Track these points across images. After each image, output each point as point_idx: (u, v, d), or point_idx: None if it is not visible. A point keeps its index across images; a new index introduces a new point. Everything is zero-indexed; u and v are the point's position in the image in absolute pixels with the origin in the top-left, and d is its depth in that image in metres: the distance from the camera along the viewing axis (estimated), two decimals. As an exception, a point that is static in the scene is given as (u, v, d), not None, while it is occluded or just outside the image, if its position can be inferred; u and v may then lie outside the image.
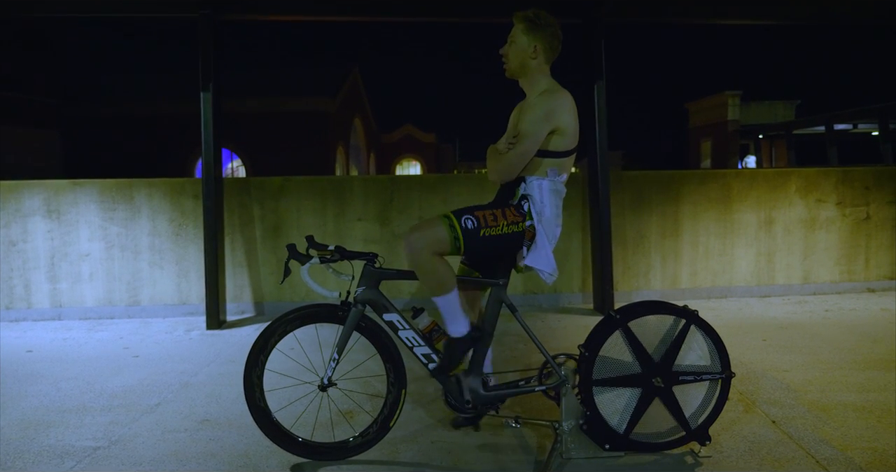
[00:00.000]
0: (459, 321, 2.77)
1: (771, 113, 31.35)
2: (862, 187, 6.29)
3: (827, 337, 4.72)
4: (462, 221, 2.66)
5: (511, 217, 2.70)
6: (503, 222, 2.69)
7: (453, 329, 2.78)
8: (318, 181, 5.95)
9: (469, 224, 2.65)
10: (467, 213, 2.69)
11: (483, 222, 2.67)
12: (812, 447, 2.92)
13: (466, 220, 2.66)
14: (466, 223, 2.65)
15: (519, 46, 2.79)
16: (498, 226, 2.68)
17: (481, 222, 2.67)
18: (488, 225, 2.67)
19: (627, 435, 2.80)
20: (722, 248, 6.15)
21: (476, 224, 2.66)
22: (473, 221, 2.66)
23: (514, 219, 2.71)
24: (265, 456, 2.93)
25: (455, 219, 2.66)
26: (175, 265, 5.77)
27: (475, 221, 2.66)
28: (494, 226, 2.68)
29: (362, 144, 34.36)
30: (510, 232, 2.70)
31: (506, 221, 2.69)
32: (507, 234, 2.69)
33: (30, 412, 3.49)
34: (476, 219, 2.67)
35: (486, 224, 2.67)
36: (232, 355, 4.54)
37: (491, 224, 2.67)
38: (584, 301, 6.04)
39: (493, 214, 2.69)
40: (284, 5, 5.68)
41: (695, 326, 2.83)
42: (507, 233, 2.69)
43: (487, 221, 2.67)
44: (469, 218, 2.66)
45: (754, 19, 6.14)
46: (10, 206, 5.67)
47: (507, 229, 2.69)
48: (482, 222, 2.67)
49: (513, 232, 2.70)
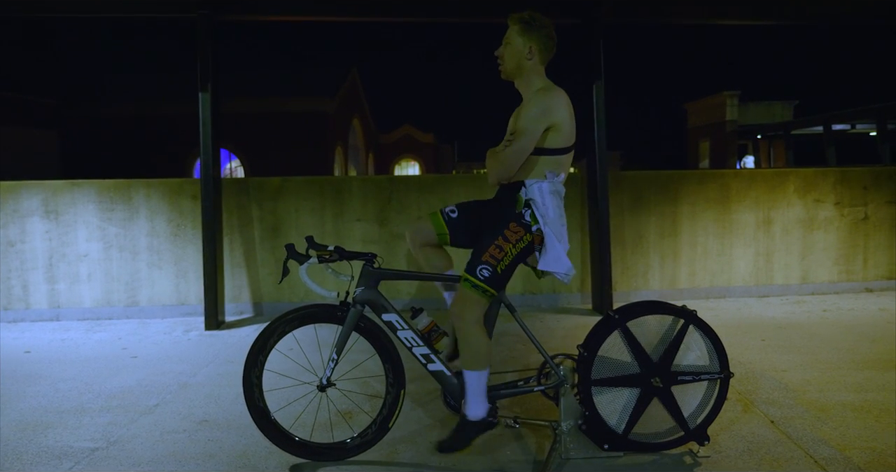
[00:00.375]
0: (481, 403, 2.75)
1: (769, 113, 31.36)
2: (860, 188, 6.30)
3: (825, 337, 4.72)
4: (479, 274, 2.68)
5: (514, 237, 2.72)
6: (509, 247, 2.71)
7: (473, 410, 2.75)
8: (316, 182, 5.94)
9: (486, 273, 2.68)
10: (477, 264, 2.69)
11: (494, 261, 2.69)
12: (810, 446, 2.93)
13: (482, 271, 2.68)
14: (483, 274, 2.68)
15: (514, 48, 2.79)
16: (507, 254, 2.70)
17: (493, 262, 2.69)
18: (499, 259, 2.69)
19: (626, 435, 2.80)
20: (720, 248, 6.15)
21: (491, 269, 2.68)
22: (488, 268, 2.68)
23: (518, 236, 2.72)
24: (264, 457, 2.93)
25: (472, 278, 2.68)
26: (173, 266, 5.77)
27: (489, 268, 2.68)
28: (504, 256, 2.70)
29: (361, 144, 34.35)
30: (520, 250, 2.72)
31: (511, 245, 2.71)
32: (518, 254, 2.72)
33: (28, 413, 3.49)
34: (487, 264, 2.68)
35: (497, 260, 2.69)
36: (230, 356, 4.54)
37: (500, 257, 2.69)
38: (583, 301, 6.04)
39: (497, 248, 2.70)
40: (283, 5, 5.68)
41: (693, 326, 2.83)
42: (518, 252, 2.72)
43: (497, 257, 2.69)
44: (483, 268, 2.68)
45: (752, 19, 6.15)
46: (9, 206, 5.66)
47: (516, 250, 2.72)
48: (494, 262, 2.69)
49: (521, 249, 2.73)
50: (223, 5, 5.44)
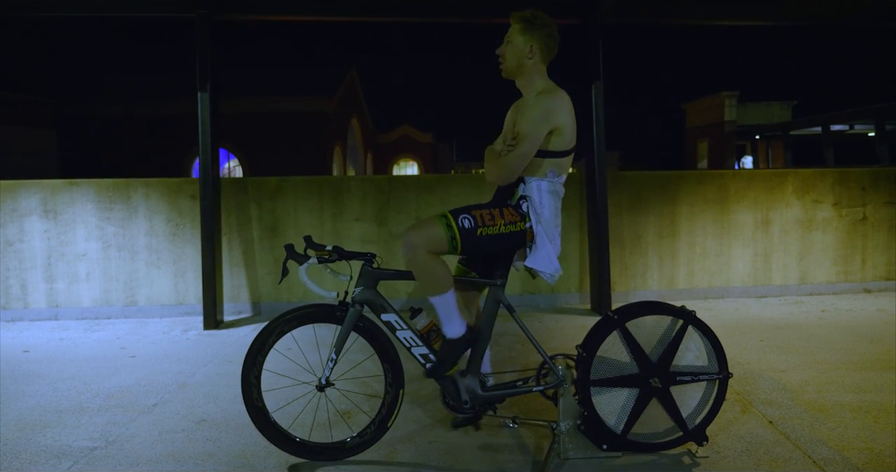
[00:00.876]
0: (455, 322, 2.76)
1: (768, 114, 31.40)
2: (858, 188, 6.31)
3: (824, 338, 4.73)
4: (459, 220, 2.66)
5: (509, 217, 2.71)
6: (501, 222, 2.69)
7: (449, 330, 2.77)
8: (315, 181, 5.94)
9: (466, 223, 2.66)
10: (465, 212, 2.69)
11: (480, 221, 2.67)
12: (809, 447, 2.93)
13: (463, 219, 2.66)
14: (463, 222, 2.65)
15: (515, 47, 2.79)
16: (496, 225, 2.68)
17: (478, 221, 2.67)
18: (486, 224, 2.67)
19: (625, 435, 2.80)
20: (719, 248, 6.16)
21: (473, 223, 2.66)
22: (471, 220, 2.66)
23: (512, 219, 2.71)
24: (263, 456, 2.93)
25: (452, 218, 2.66)
26: (172, 265, 5.77)
27: (472, 220, 2.66)
28: (492, 225, 2.68)
29: (359, 144, 34.35)
30: (508, 232, 2.70)
31: (503, 221, 2.69)
32: (504, 233, 2.70)
33: (27, 413, 3.49)
34: (473, 218, 2.67)
35: (483, 223, 2.67)
36: (229, 356, 4.54)
37: (488, 223, 2.68)
38: (582, 301, 6.04)
39: (490, 214, 2.69)
40: (281, 5, 5.67)
41: (692, 326, 2.83)
42: (505, 233, 2.70)
43: (485, 221, 2.68)
44: (466, 217, 2.67)
45: (751, 20, 6.15)
46: (7, 205, 5.66)
47: (505, 229, 2.70)
48: (479, 221, 2.67)
49: (510, 232, 2.71)
50: (222, 5, 5.44)
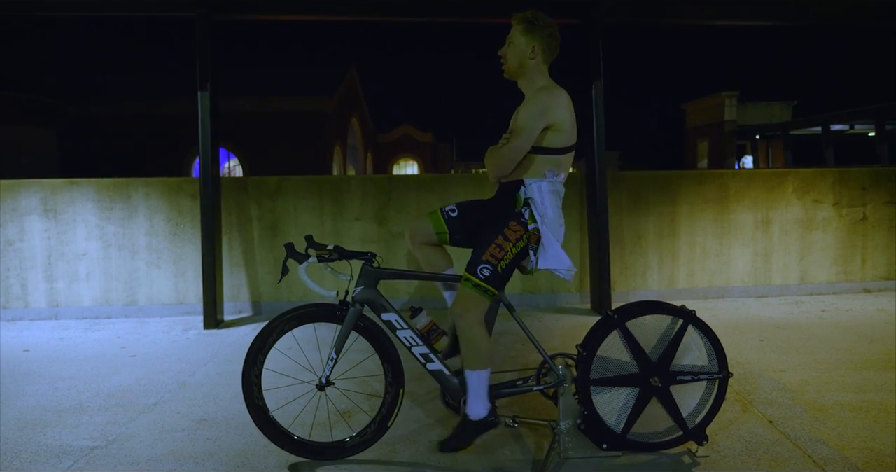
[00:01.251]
0: (482, 402, 2.76)
1: (768, 113, 31.40)
2: (859, 188, 6.31)
3: (823, 337, 4.73)
4: (480, 273, 2.69)
5: (514, 236, 2.72)
6: (510, 246, 2.71)
7: (474, 410, 2.76)
8: (315, 181, 5.94)
9: (486, 272, 2.69)
10: (477, 264, 2.70)
11: (494, 261, 2.70)
12: (809, 446, 2.93)
13: (483, 270, 2.69)
14: (484, 273, 2.69)
15: (517, 47, 2.79)
16: (507, 253, 2.71)
17: (493, 261, 2.70)
18: (500, 259, 2.70)
19: (625, 435, 2.80)
20: (719, 248, 6.16)
21: (491, 268, 2.69)
22: (488, 268, 2.69)
23: (518, 235, 2.73)
24: (263, 456, 2.93)
25: (474, 277, 2.69)
26: (172, 265, 5.77)
27: (489, 267, 2.69)
28: (505, 256, 2.71)
29: (359, 143, 34.35)
30: (519, 249, 2.74)
31: (511, 244, 2.72)
32: (517, 253, 2.74)
33: (27, 412, 3.49)
34: (488, 263, 2.69)
35: (497, 260, 2.70)
36: (229, 355, 4.54)
37: (501, 257, 2.70)
38: (582, 301, 6.04)
39: (497, 247, 2.71)
40: (281, 5, 5.67)
41: (692, 326, 2.84)
42: (517, 252, 2.73)
43: (497, 257, 2.70)
44: (483, 267, 2.69)
45: (751, 20, 6.15)
46: (7, 205, 5.66)
47: (516, 249, 2.73)
48: (494, 261, 2.70)
49: (521, 248, 2.74)
50: (222, 4, 5.44)
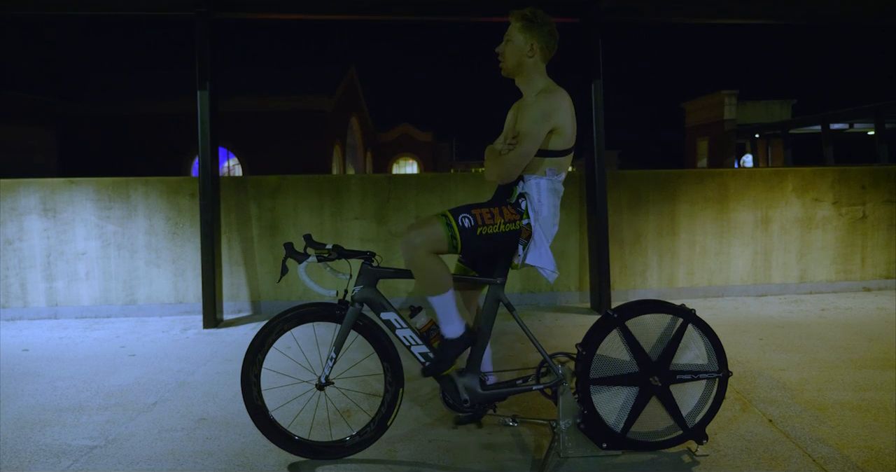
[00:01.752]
0: (454, 322, 2.77)
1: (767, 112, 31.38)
2: (858, 187, 6.30)
3: (823, 336, 4.73)
4: (459, 219, 2.66)
5: (508, 215, 2.71)
6: (500, 221, 2.69)
7: (448, 330, 2.78)
8: (315, 180, 5.94)
9: (466, 223, 2.66)
10: (464, 211, 2.69)
11: (480, 221, 2.67)
12: (809, 445, 2.93)
13: (463, 218, 2.66)
14: (463, 222, 2.66)
15: (516, 45, 2.79)
16: (495, 224, 2.69)
17: (478, 221, 2.67)
18: (485, 223, 2.68)
19: (625, 434, 2.80)
20: (719, 247, 6.15)
21: (473, 222, 2.67)
22: (471, 220, 2.67)
23: (511, 217, 2.71)
24: (262, 455, 2.93)
25: (452, 217, 2.67)
26: (172, 264, 5.76)
27: (472, 220, 2.67)
28: (492, 224, 2.68)
29: (359, 142, 34.33)
30: (507, 230, 2.71)
31: (503, 220, 2.70)
32: (504, 232, 2.70)
33: (26, 411, 3.48)
34: (473, 217, 2.67)
35: (483, 222, 2.68)
36: (229, 354, 4.54)
37: (488, 222, 2.68)
38: (582, 300, 6.04)
39: (490, 213, 2.70)
40: (280, 4, 5.67)
41: (692, 325, 2.83)
42: (505, 231, 2.70)
43: (485, 220, 2.68)
44: (466, 216, 2.67)
45: (751, 19, 6.14)
46: (7, 204, 5.65)
47: (505, 228, 2.70)
48: (479, 221, 2.67)
49: (510, 230, 2.71)
50: (221, 4, 5.43)
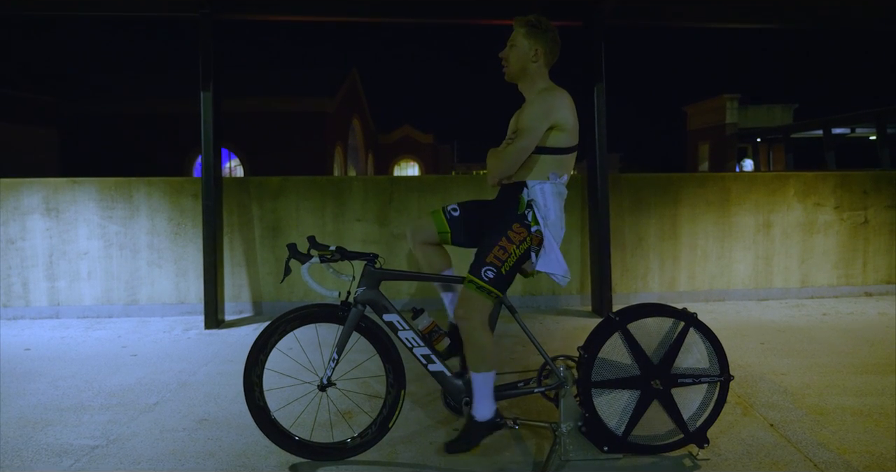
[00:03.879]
0: (488, 404, 2.76)
1: (769, 116, 31.40)
2: (860, 192, 6.31)
3: (825, 341, 4.73)
4: (483, 276, 2.68)
5: (517, 238, 2.72)
6: (513, 248, 2.71)
7: (479, 411, 2.76)
8: (317, 181, 5.95)
9: (490, 275, 2.69)
10: (481, 266, 2.70)
11: (499, 262, 2.70)
12: (810, 450, 2.93)
13: (486, 272, 2.69)
14: (488, 275, 2.69)
15: (520, 50, 2.80)
16: (511, 255, 2.71)
17: (497, 263, 2.70)
18: (503, 261, 2.70)
19: (626, 437, 2.80)
20: (720, 251, 6.16)
21: (496, 270, 2.69)
22: (493, 270, 2.69)
23: (521, 237, 2.73)
24: (263, 456, 2.93)
25: (477, 279, 2.69)
26: (174, 265, 5.77)
27: (493, 269, 2.69)
28: (508, 258, 2.71)
29: (360, 144, 34.34)
30: (522, 251, 2.74)
31: (515, 245, 2.72)
32: (520, 255, 2.74)
33: (28, 411, 3.49)
34: (492, 265, 2.69)
35: (501, 262, 2.70)
36: (230, 355, 4.54)
37: (504, 258, 2.70)
38: (583, 303, 6.04)
39: (501, 249, 2.71)
40: (284, 5, 5.68)
41: (694, 328, 2.84)
42: (521, 254, 2.73)
43: (501, 259, 2.70)
44: (487, 269, 2.69)
45: (753, 23, 6.15)
46: (9, 204, 5.66)
47: (519, 251, 2.73)
48: (498, 263, 2.70)
49: (524, 250, 2.74)
50: (224, 5, 5.44)
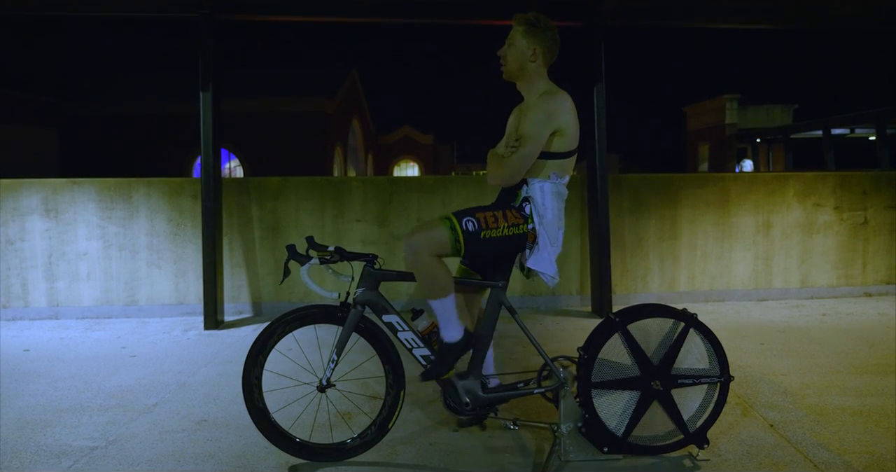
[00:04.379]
0: (454, 326, 2.76)
1: (768, 117, 31.42)
2: (860, 192, 6.30)
3: (824, 341, 4.73)
4: (463, 222, 2.66)
5: (512, 219, 2.71)
6: (504, 224, 2.69)
7: (447, 334, 2.77)
8: (316, 182, 5.94)
9: (470, 226, 2.66)
10: (468, 214, 2.69)
11: (484, 224, 2.67)
12: (810, 450, 2.93)
13: (467, 222, 2.66)
14: (467, 225, 2.66)
15: (518, 49, 2.79)
16: (499, 228, 2.68)
17: (482, 224, 2.67)
18: (489, 227, 2.67)
19: (626, 438, 2.80)
20: (720, 251, 6.15)
21: (477, 226, 2.66)
22: (474, 223, 2.66)
23: (515, 221, 2.71)
24: (263, 457, 2.93)
25: (456, 220, 2.67)
26: (173, 265, 5.76)
27: (476, 223, 2.67)
28: (495, 228, 2.68)
29: (360, 144, 34.35)
30: (511, 234, 2.70)
31: (506, 223, 2.69)
32: (507, 236, 2.70)
33: (27, 412, 3.48)
34: (477, 221, 2.67)
35: (486, 226, 2.67)
36: (229, 356, 4.53)
37: (492, 226, 2.68)
38: (583, 304, 6.04)
39: (493, 216, 2.69)
40: (284, 6, 5.67)
41: (693, 329, 2.83)
42: (508, 235, 2.70)
43: (488, 223, 2.68)
44: (470, 220, 2.67)
45: (753, 23, 6.15)
46: (9, 204, 5.66)
47: (508, 231, 2.70)
48: (483, 224, 2.67)
49: (514, 234, 2.71)
50: (224, 5, 5.44)
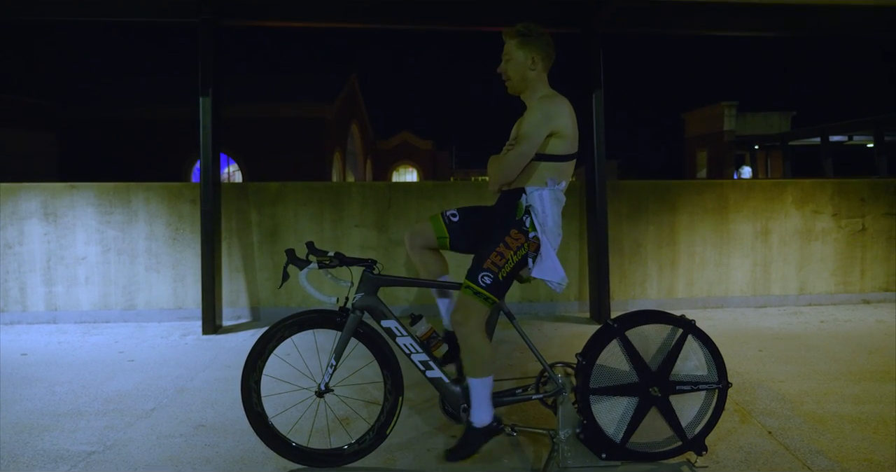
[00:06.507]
0: (486, 410, 2.76)
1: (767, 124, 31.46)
2: (858, 199, 6.32)
3: (823, 348, 4.73)
4: (480, 281, 2.69)
5: (514, 244, 2.73)
6: (510, 254, 2.72)
7: (477, 417, 2.76)
8: (315, 187, 5.95)
9: (488, 280, 2.69)
10: (479, 271, 2.70)
11: (495, 268, 2.70)
12: (808, 458, 2.93)
13: (484, 278, 2.69)
14: (485, 281, 2.69)
15: (517, 61, 2.81)
16: (508, 261, 2.71)
17: (494, 269, 2.70)
18: (500, 266, 2.70)
19: (624, 444, 2.80)
20: (718, 258, 6.16)
21: (493, 276, 2.69)
22: (490, 275, 2.69)
23: (519, 243, 2.73)
24: (261, 462, 2.92)
25: (474, 284, 2.69)
26: (171, 270, 5.76)
27: (491, 274, 2.69)
28: (505, 264, 2.71)
29: (359, 150, 34.38)
30: (519, 258, 2.74)
31: (512, 252, 2.72)
32: (517, 262, 2.74)
33: (24, 416, 3.48)
34: (489, 271, 2.69)
35: (498, 267, 2.70)
36: (228, 361, 4.53)
37: (501, 264, 2.71)
38: (581, 310, 6.04)
39: (497, 254, 2.71)
40: (283, 11, 5.69)
41: (692, 335, 2.84)
42: (518, 260, 2.74)
43: (498, 264, 2.70)
44: (485, 275, 2.69)
45: (751, 31, 6.17)
46: (7, 208, 5.66)
47: (517, 257, 2.73)
48: (494, 268, 2.70)
49: (521, 256, 2.74)
50: (224, 11, 5.46)
